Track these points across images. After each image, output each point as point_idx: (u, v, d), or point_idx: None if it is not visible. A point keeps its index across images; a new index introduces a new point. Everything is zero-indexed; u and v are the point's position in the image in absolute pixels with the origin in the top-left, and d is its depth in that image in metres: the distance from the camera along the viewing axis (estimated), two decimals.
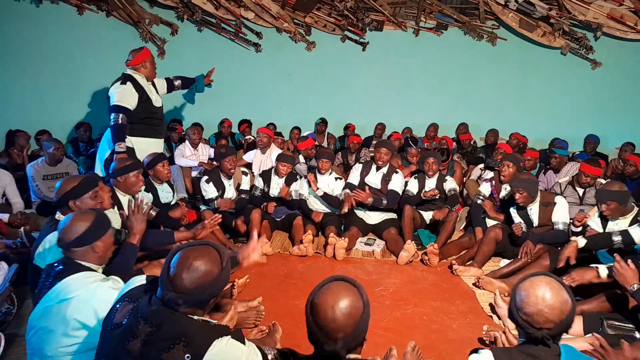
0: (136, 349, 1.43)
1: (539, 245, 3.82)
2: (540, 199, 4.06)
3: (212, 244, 1.60)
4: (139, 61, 4.25)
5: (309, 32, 7.61)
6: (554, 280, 1.66)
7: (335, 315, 1.43)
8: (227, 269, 1.55)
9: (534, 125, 7.41)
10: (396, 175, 4.80)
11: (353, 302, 1.46)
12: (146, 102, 4.25)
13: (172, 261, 1.51)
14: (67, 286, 1.91)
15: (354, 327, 1.45)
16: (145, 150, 4.27)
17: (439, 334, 3.06)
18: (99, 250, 2.14)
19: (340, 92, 7.80)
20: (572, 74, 7.39)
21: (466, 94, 7.68)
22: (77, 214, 2.20)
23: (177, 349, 1.42)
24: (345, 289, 1.50)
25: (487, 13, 7.29)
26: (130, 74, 4.21)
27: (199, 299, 1.49)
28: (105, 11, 7.31)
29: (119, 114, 4.04)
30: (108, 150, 4.23)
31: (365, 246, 4.60)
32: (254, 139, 6.48)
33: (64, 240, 2.09)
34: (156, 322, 1.45)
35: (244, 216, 4.59)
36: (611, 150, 7.10)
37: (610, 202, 3.46)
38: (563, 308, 1.60)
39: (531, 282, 1.65)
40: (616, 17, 6.80)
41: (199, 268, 1.48)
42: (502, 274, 3.81)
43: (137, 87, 4.18)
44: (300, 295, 3.53)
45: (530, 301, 1.61)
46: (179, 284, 1.46)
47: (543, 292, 1.61)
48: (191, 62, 7.51)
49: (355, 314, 1.45)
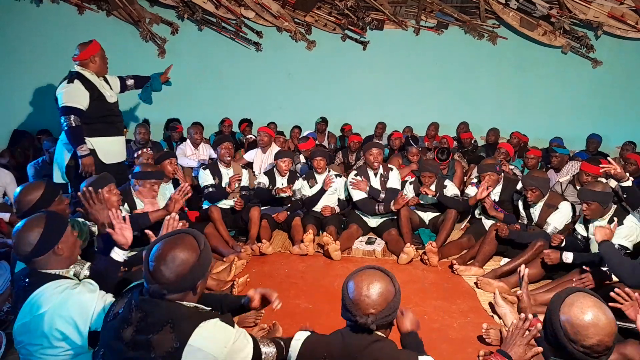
0: (129, 335, 1.50)
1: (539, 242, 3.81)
2: (547, 199, 4.07)
3: (187, 230, 1.64)
4: (87, 56, 3.90)
5: (309, 31, 7.60)
6: (592, 298, 1.53)
7: (369, 292, 1.61)
8: (205, 251, 1.59)
9: (534, 124, 7.39)
10: (392, 172, 4.84)
11: (387, 285, 1.65)
12: (99, 99, 3.94)
13: (150, 256, 1.55)
14: (38, 300, 1.84)
15: (385, 306, 1.62)
16: (108, 150, 4.03)
17: (439, 333, 3.06)
18: (63, 252, 2.00)
19: (341, 91, 7.79)
20: (572, 73, 7.38)
21: (467, 93, 7.67)
22: (27, 221, 2.01)
23: (165, 332, 1.47)
24: (381, 275, 1.69)
25: (487, 12, 7.28)
26: (78, 71, 3.88)
27: (182, 287, 1.53)
28: (106, 10, 7.32)
29: (69, 116, 3.75)
30: (66, 155, 3.96)
31: (366, 245, 4.60)
32: (254, 138, 6.48)
33: (21, 253, 1.94)
34: (146, 308, 1.52)
35: (243, 214, 4.60)
36: (612, 149, 7.09)
37: (591, 202, 3.48)
38: (614, 328, 1.49)
39: (579, 310, 1.49)
40: (617, 16, 6.79)
41: (175, 258, 1.52)
42: (502, 272, 3.81)
43: (87, 85, 3.87)
44: (300, 294, 3.51)
45: (589, 333, 1.45)
46: (160, 277, 1.51)
47: (596, 317, 1.47)
48: (191, 61, 7.54)
49: (388, 296, 1.63)
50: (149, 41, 7.48)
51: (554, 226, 3.97)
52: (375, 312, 1.60)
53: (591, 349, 1.46)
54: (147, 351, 1.47)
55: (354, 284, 1.65)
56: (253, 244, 4.34)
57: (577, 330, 1.46)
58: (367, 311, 1.60)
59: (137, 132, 5.91)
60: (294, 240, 4.51)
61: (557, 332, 1.50)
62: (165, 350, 1.46)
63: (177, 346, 1.47)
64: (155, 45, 7.50)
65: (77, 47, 3.92)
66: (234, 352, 1.59)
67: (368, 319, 1.58)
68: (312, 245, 4.32)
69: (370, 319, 1.58)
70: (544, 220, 4.05)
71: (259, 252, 4.26)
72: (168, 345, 1.47)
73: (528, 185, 4.02)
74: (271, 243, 4.44)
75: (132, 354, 1.49)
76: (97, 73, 3.99)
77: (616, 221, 3.29)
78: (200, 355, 1.49)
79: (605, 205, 3.48)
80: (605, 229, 2.95)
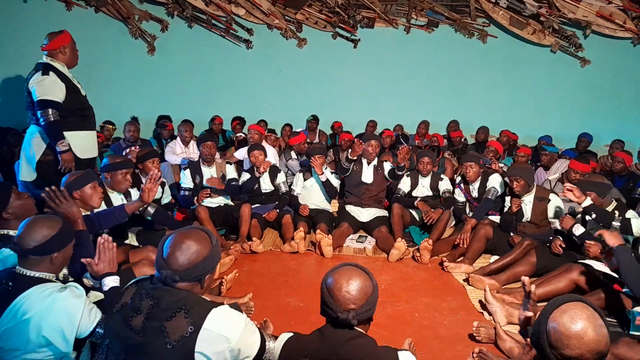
0: (139, 323, 1.53)
1: (527, 240, 3.83)
2: (535, 192, 4.10)
3: (199, 227, 1.75)
4: (56, 46, 3.70)
5: (300, 28, 7.59)
6: (590, 310, 1.44)
7: (349, 288, 1.64)
8: (216, 247, 1.68)
9: (524, 123, 7.45)
10: (386, 164, 4.94)
11: (365, 281, 1.69)
12: (74, 92, 3.74)
13: (165, 244, 1.63)
14: (22, 305, 1.79)
15: (364, 301, 1.65)
16: (82, 145, 3.81)
17: (430, 330, 3.07)
18: (57, 262, 1.97)
19: (332, 89, 7.80)
20: (561, 72, 7.46)
21: (457, 91, 7.71)
22: (43, 218, 2.00)
23: (179, 317, 1.52)
24: (359, 271, 1.72)
25: (477, 11, 7.33)
26: (49, 62, 3.68)
27: (193, 275, 1.60)
28: (94, 7, 7.25)
29: (47, 110, 3.52)
30: (36, 150, 3.71)
31: (356, 243, 4.60)
32: (245, 136, 6.45)
33: (22, 244, 1.89)
34: (158, 295, 1.56)
35: (234, 211, 4.58)
36: (600, 147, 7.16)
37: (590, 192, 3.53)
38: (600, 347, 1.39)
39: (570, 319, 1.41)
40: (605, 15, 6.86)
41: (190, 247, 1.60)
42: (491, 269, 3.82)
43: (62, 77, 3.67)
44: (291, 292, 3.51)
45: (571, 343, 1.38)
46: (174, 262, 1.58)
47: (584, 330, 1.38)
48: (181, 58, 7.49)
49: (367, 291, 1.67)
50: (138, 38, 7.42)
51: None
52: (356, 307, 1.63)
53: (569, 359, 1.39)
54: (160, 337, 1.50)
55: (333, 280, 1.68)
56: (243, 242, 4.31)
57: (560, 338, 1.40)
58: (347, 307, 1.62)
59: (126, 130, 5.85)
60: (285, 238, 4.49)
61: (541, 335, 1.46)
62: (180, 334, 1.50)
63: (192, 330, 1.51)
64: (145, 42, 7.44)
65: (47, 36, 3.73)
66: (245, 336, 1.62)
67: (349, 314, 1.61)
68: (303, 242, 4.31)
69: (351, 314, 1.61)
70: (538, 214, 4.07)
71: (249, 250, 4.24)
72: (183, 330, 1.50)
73: (512, 175, 4.05)
74: (262, 241, 4.42)
75: (141, 339, 1.51)
76: (67, 65, 3.79)
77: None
78: (215, 338, 1.53)
79: (602, 195, 3.54)
80: (615, 233, 2.84)
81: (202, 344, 1.50)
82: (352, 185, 4.89)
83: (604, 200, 3.58)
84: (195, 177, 4.73)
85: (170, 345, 1.49)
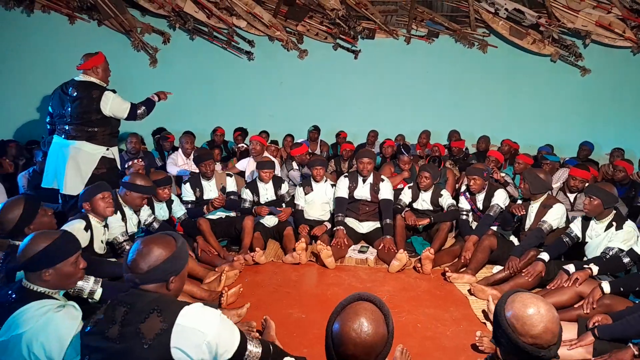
0: (115, 332, 1.57)
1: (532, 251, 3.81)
2: (543, 200, 4.08)
3: (168, 232, 1.81)
4: (90, 65, 4.03)
5: (301, 40, 7.64)
6: (531, 294, 1.61)
7: (357, 351, 1.44)
8: (180, 250, 1.73)
9: (524, 132, 7.45)
10: (383, 183, 4.75)
11: (377, 332, 1.45)
12: None
13: (131, 249, 1.71)
14: (19, 319, 1.80)
15: (374, 359, 1.47)
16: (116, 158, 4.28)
17: (433, 341, 3.05)
18: (49, 279, 1.92)
19: (333, 100, 7.83)
20: (561, 81, 7.47)
21: (457, 101, 7.73)
22: (40, 233, 1.98)
23: (153, 317, 1.57)
24: (370, 316, 1.48)
25: (477, 21, 7.37)
26: (92, 81, 4.05)
27: (154, 277, 1.66)
28: (97, 20, 7.31)
29: (137, 112, 4.16)
30: (85, 166, 4.04)
31: (358, 254, 4.58)
32: (246, 147, 6.47)
33: (18, 259, 1.90)
34: (130, 300, 1.62)
35: (236, 224, 4.58)
36: (601, 155, 7.16)
37: (595, 197, 3.52)
38: (555, 315, 1.55)
39: (521, 303, 1.55)
40: (604, 25, 6.89)
41: (151, 251, 1.67)
42: (495, 280, 3.81)
43: None
44: (293, 304, 3.50)
45: (534, 321, 1.50)
46: (135, 267, 1.65)
47: (537, 307, 1.53)
48: (183, 70, 7.54)
49: (377, 347, 1.46)
50: (140, 51, 7.48)
51: (549, 224, 3.96)
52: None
53: (539, 337, 1.49)
54: (137, 339, 1.54)
55: (340, 336, 1.47)
56: (246, 253, 4.31)
57: (524, 322, 1.51)
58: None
59: (128, 142, 5.88)
60: (287, 249, 4.48)
61: (506, 330, 1.54)
62: (154, 333, 1.55)
63: (166, 327, 1.56)
64: (147, 54, 7.50)
65: (83, 56, 4.07)
66: (222, 330, 1.67)
67: None
68: (304, 253, 4.30)
69: None
70: (538, 221, 4.05)
71: (252, 262, 4.23)
72: (157, 329, 1.56)
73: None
74: (264, 252, 4.42)
75: (119, 346, 1.55)
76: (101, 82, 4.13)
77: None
78: (190, 332, 1.58)
79: (607, 205, 3.51)
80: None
81: (177, 340, 1.56)
82: (349, 201, 4.79)
83: (606, 210, 3.55)
84: (196, 190, 4.75)
85: (146, 345, 1.54)
